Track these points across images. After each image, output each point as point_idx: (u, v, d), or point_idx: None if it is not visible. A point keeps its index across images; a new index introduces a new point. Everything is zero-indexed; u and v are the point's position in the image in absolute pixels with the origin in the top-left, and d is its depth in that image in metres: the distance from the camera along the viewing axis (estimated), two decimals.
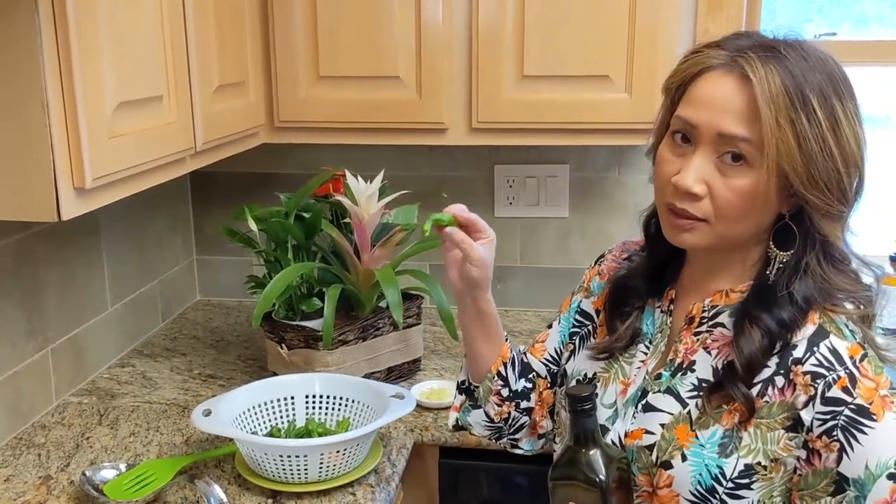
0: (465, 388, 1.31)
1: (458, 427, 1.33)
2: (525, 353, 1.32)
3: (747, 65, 0.97)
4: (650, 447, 1.06)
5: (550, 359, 1.30)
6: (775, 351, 1.01)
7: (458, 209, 1.18)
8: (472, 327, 1.25)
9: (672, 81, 1.06)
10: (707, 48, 1.03)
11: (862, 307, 1.03)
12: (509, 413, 1.28)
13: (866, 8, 2.11)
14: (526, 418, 1.30)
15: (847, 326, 1.02)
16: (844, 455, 0.96)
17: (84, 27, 1.15)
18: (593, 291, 1.26)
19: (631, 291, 1.16)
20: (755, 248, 1.05)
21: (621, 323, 1.15)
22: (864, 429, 0.95)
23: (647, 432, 1.07)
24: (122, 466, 1.44)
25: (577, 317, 1.27)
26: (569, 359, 1.25)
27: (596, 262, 1.30)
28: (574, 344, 1.25)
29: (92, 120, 1.17)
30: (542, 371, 1.30)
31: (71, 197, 1.17)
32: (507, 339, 1.28)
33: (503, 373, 1.26)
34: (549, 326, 1.33)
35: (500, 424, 1.29)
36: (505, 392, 1.26)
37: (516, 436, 1.31)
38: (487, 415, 1.28)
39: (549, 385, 1.30)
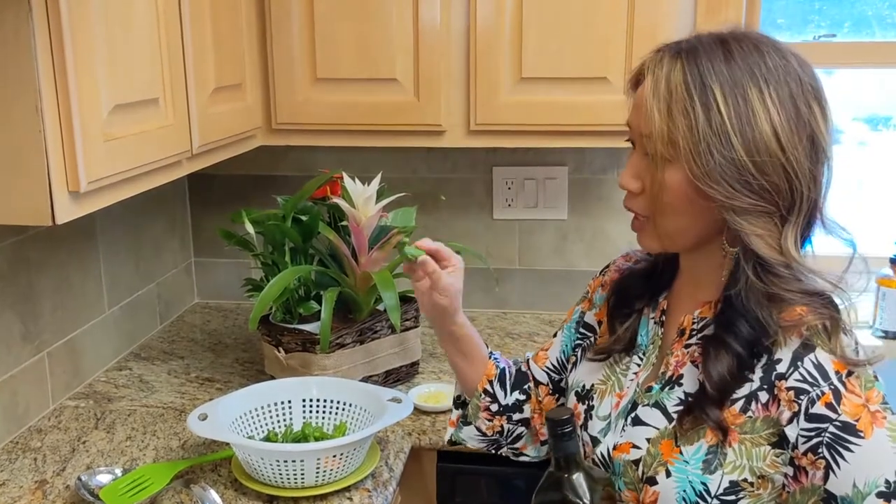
0: (460, 403, 1.32)
1: (453, 442, 1.35)
2: (528, 362, 1.33)
3: (651, 63, 0.98)
4: (636, 462, 1.04)
5: (552, 367, 1.30)
6: (754, 364, 0.98)
7: (426, 242, 1.20)
8: (449, 349, 1.28)
9: (626, 90, 1.08)
10: (652, 52, 1.02)
11: (825, 312, 0.97)
12: (502, 426, 1.28)
13: (866, 8, 2.10)
14: (522, 429, 1.30)
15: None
16: (831, 473, 0.93)
17: (78, 29, 1.14)
18: (595, 303, 1.25)
19: (631, 292, 1.16)
20: (721, 255, 1.02)
21: (620, 324, 1.15)
22: (851, 446, 0.92)
23: (634, 446, 1.05)
24: (118, 471, 1.43)
25: (581, 329, 1.26)
26: (571, 371, 1.24)
27: (601, 273, 1.29)
28: (577, 356, 1.24)
29: (86, 123, 1.16)
30: (544, 378, 1.30)
31: (65, 201, 1.16)
32: (491, 355, 1.30)
33: (490, 389, 1.28)
34: (554, 335, 1.33)
35: (494, 437, 1.30)
36: (494, 407, 1.28)
37: (516, 445, 1.32)
38: (479, 430, 1.29)
39: (550, 391, 1.30)
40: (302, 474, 1.35)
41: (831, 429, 0.92)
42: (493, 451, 1.34)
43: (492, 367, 1.29)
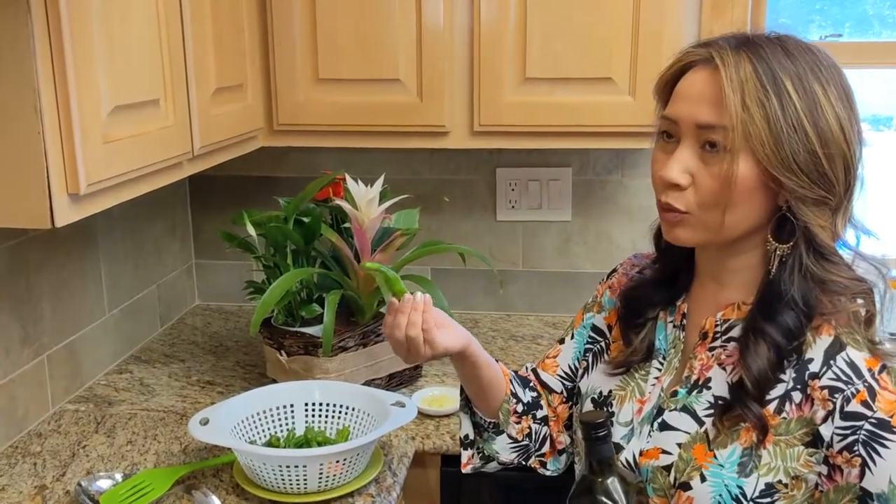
0: (469, 443, 1.29)
1: (480, 466, 1.29)
2: (534, 371, 1.31)
3: (717, 55, 0.98)
4: (667, 468, 1.04)
5: (565, 375, 1.28)
6: (785, 365, 0.98)
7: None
8: (472, 375, 1.21)
9: (658, 85, 1.07)
10: (693, 47, 1.03)
11: (861, 301, 0.99)
12: (529, 427, 1.26)
13: (868, 8, 2.09)
14: (546, 429, 1.28)
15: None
16: (867, 470, 0.93)
17: (78, 29, 1.12)
18: (605, 307, 1.24)
19: (643, 302, 1.14)
20: (759, 251, 1.02)
21: (636, 335, 1.13)
22: (887, 443, 0.93)
23: (664, 452, 1.05)
24: (119, 476, 1.41)
25: (591, 333, 1.25)
26: (583, 376, 1.23)
27: (608, 277, 1.28)
28: (587, 361, 1.23)
29: (86, 125, 1.15)
30: (558, 386, 1.28)
31: (65, 203, 1.14)
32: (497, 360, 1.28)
33: (514, 390, 1.26)
34: (561, 342, 1.31)
35: (524, 442, 1.27)
36: (520, 408, 1.25)
37: (542, 451, 1.29)
38: (510, 436, 1.26)
39: (564, 400, 1.28)
40: (305, 480, 1.34)
41: (867, 426, 0.94)
42: (524, 463, 1.29)
43: (505, 369, 1.27)
